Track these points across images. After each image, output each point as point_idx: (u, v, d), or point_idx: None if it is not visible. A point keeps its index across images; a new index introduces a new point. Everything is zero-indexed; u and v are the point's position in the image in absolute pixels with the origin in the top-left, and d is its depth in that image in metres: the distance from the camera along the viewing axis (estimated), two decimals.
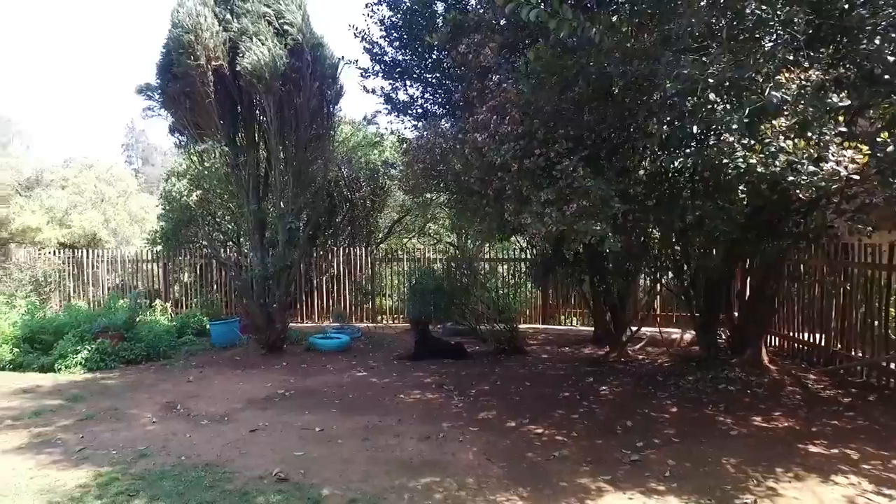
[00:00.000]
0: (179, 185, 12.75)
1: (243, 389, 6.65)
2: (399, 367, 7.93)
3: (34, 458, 4.37)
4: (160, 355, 8.60)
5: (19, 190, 16.19)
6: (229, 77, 8.00)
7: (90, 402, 6.03)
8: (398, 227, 15.52)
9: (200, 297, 12.42)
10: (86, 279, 12.84)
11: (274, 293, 8.42)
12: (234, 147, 8.39)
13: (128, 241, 17.37)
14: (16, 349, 7.86)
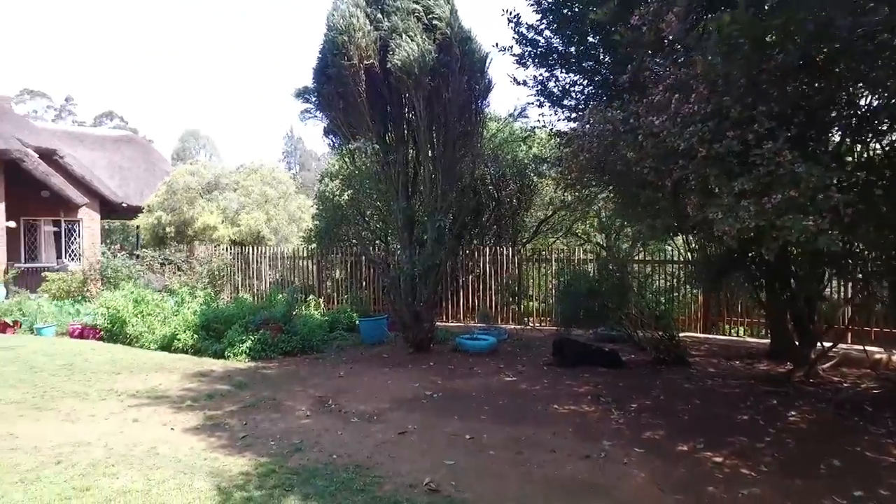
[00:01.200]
0: (332, 185, 13.54)
1: (391, 388, 6.72)
2: (549, 373, 7.56)
3: (206, 441, 4.71)
4: (313, 348, 9.10)
5: (201, 193, 18.43)
6: (380, 75, 8.19)
7: (252, 391, 6.47)
8: (544, 226, 15.09)
9: (350, 294, 13.06)
10: (251, 273, 14.18)
11: (421, 292, 8.48)
12: (383, 145, 8.60)
13: (286, 239, 18.94)
14: (195, 335, 8.80)
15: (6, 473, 3.94)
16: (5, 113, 17.90)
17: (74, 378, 6.74)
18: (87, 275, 12.46)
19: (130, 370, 7.31)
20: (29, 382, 6.50)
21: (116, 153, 22.42)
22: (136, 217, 20.11)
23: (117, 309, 9.56)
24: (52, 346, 8.56)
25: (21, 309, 10.43)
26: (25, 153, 15.00)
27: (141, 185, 21.59)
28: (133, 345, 9.18)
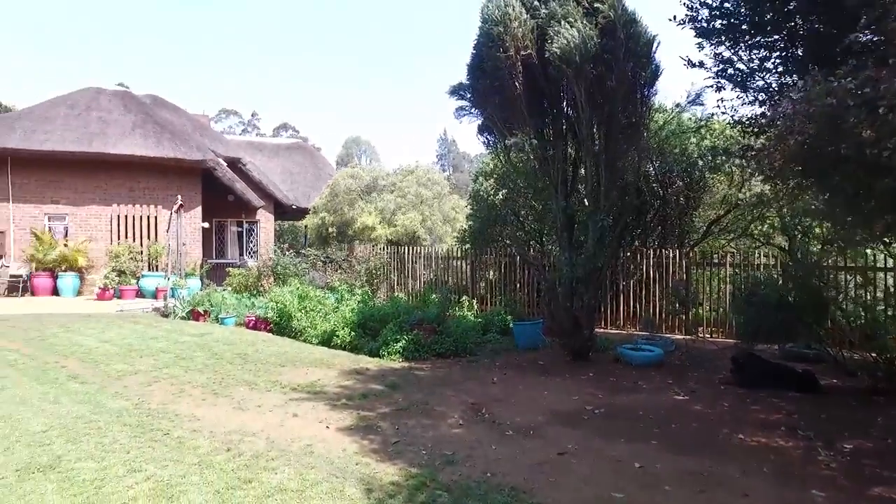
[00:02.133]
0: (487, 184, 13.45)
1: (548, 399, 6.33)
2: (728, 393, 6.63)
3: (359, 443, 4.73)
4: (466, 351, 9.01)
5: (361, 195, 19.61)
6: (537, 66, 7.83)
7: (405, 393, 6.48)
8: (715, 227, 13.56)
9: (503, 296, 12.87)
10: (406, 273, 14.63)
11: (581, 296, 7.96)
12: (541, 141, 8.22)
13: (441, 239, 19.40)
14: (353, 333, 9.18)
15: (188, 454, 4.27)
16: (205, 129, 20.61)
17: (246, 367, 7.33)
18: (262, 271, 13.78)
19: (294, 363, 7.78)
20: (211, 369, 7.19)
21: (288, 160, 24.75)
22: (303, 218, 22.00)
23: (284, 304, 10.33)
24: (231, 336, 9.48)
25: (210, 300, 11.79)
26: (217, 162, 17.07)
27: (308, 189, 23.58)
28: (297, 338, 9.84)
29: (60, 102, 17.01)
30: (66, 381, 6.40)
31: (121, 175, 16.13)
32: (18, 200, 15.54)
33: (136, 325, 10.13)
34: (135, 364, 7.27)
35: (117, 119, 16.75)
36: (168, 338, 9.02)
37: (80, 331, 9.44)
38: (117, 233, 16.13)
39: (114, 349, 8.11)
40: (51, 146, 15.34)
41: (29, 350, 7.98)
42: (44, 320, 10.52)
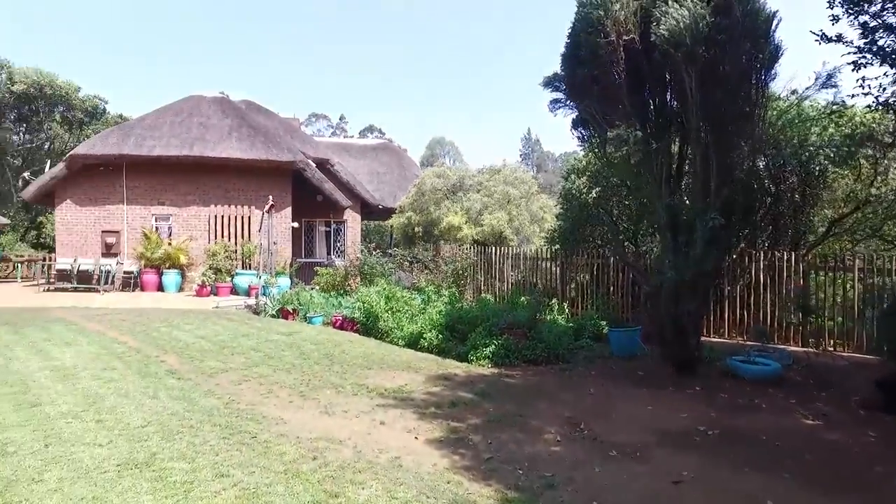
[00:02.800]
0: (579, 182, 12.86)
1: (653, 415, 5.79)
2: (872, 420, 5.78)
3: (449, 458, 4.46)
4: (559, 358, 8.56)
5: (447, 194, 19.50)
6: (640, 52, 7.24)
7: (496, 402, 6.15)
8: (837, 227, 12.16)
9: (596, 299, 12.24)
10: (493, 274, 14.30)
11: (687, 302, 7.29)
12: (644, 133, 7.62)
13: (528, 240, 18.90)
14: (440, 335, 8.98)
15: (274, 460, 4.18)
16: (295, 131, 21.35)
17: (333, 369, 7.29)
18: (349, 270, 13.96)
19: (380, 366, 7.67)
20: (299, 369, 7.22)
21: (375, 160, 25.14)
22: (389, 218, 22.21)
23: (371, 304, 10.32)
24: (319, 335, 9.56)
25: (298, 299, 12.05)
26: (307, 163, 17.56)
27: (394, 189, 23.81)
28: (384, 339, 9.78)
29: (167, 110, 18.16)
30: (164, 375, 6.62)
31: (218, 177, 16.95)
32: (131, 202, 16.72)
33: (230, 323, 10.48)
34: (227, 362, 7.44)
35: (215, 124, 17.63)
36: (258, 336, 9.22)
37: (179, 326, 9.88)
38: (214, 232, 16.97)
39: (208, 345, 8.37)
40: (158, 151, 16.38)
41: (135, 343, 8.41)
42: (149, 315, 11.15)
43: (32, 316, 10.78)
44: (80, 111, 31.33)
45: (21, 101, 29.58)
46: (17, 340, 8.48)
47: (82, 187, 16.59)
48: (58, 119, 31.06)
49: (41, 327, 9.57)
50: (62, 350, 7.81)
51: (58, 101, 30.68)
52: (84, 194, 16.59)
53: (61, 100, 30.70)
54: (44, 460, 4.16)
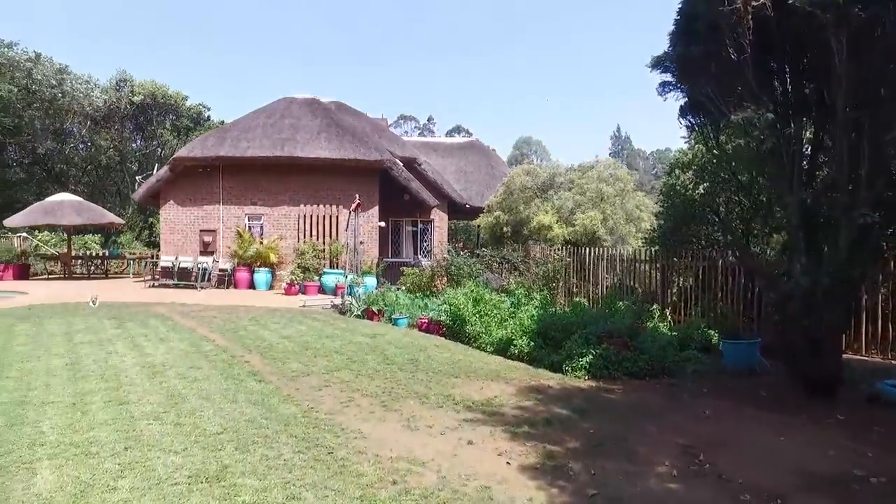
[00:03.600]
0: (684, 177, 11.76)
1: (789, 449, 4.88)
2: None
3: (546, 490, 3.87)
4: (664, 371, 7.72)
5: (536, 192, 18.80)
6: (772, 20, 6.25)
7: (596, 422, 5.47)
8: None
9: (701, 305, 11.13)
10: (586, 276, 13.47)
11: (825, 313, 6.22)
12: (775, 117, 6.61)
13: (623, 240, 17.80)
14: (531, 342, 8.36)
15: (350, 483, 3.79)
16: (383, 131, 21.41)
17: (417, 377, 6.88)
18: (435, 271, 13.61)
19: (467, 374, 7.17)
20: (382, 375, 6.87)
21: (462, 159, 24.78)
22: (476, 217, 21.78)
23: (458, 307, 9.87)
24: (404, 338, 9.23)
25: (384, 299, 11.84)
26: (394, 162, 17.46)
27: (482, 187, 23.34)
28: (471, 345, 9.30)
29: (260, 113, 18.72)
30: (246, 377, 6.48)
31: (307, 177, 17.21)
32: (226, 202, 17.36)
33: (315, 322, 10.40)
34: (309, 364, 7.23)
35: (305, 125, 17.93)
36: (342, 337, 9.02)
37: (265, 325, 9.91)
38: (303, 231, 17.25)
39: (292, 346, 8.24)
40: (252, 152, 16.87)
41: (222, 342, 8.44)
42: (239, 312, 11.33)
43: (135, 311, 11.26)
44: (187, 118, 33.38)
45: (139, 111, 31.94)
46: (118, 335, 8.77)
47: (184, 188, 17.42)
48: (168, 126, 33.24)
49: (141, 322, 9.91)
50: (156, 346, 7.95)
51: (168, 109, 32.88)
52: (185, 195, 17.41)
53: (171, 108, 32.88)
54: (121, 465, 4.02)
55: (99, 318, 10.25)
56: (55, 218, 18.98)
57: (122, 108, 30.74)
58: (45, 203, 19.56)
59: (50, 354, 7.40)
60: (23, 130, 27.59)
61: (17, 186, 29.52)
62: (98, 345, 8.02)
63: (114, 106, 30.18)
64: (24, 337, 8.56)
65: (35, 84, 26.73)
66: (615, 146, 76.06)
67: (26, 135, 28.08)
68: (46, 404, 5.38)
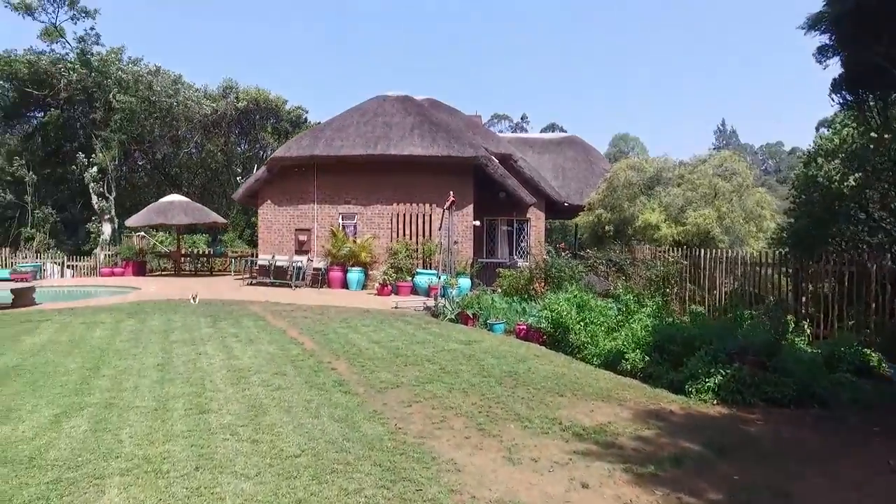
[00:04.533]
0: (828, 167, 10.11)
1: None
2: None
3: None
4: (813, 398, 6.44)
5: (642, 189, 17.35)
6: None
7: (739, 464, 4.46)
8: None
9: (853, 319, 9.50)
10: (700, 282, 12.06)
11: None
12: None
13: (742, 241, 15.99)
14: (646, 357, 7.33)
15: None
16: (477, 127, 20.78)
17: (517, 393, 6.10)
18: (533, 273, 12.74)
19: (574, 392, 6.31)
20: (478, 390, 6.17)
21: (559, 155, 23.62)
22: (575, 216, 20.57)
23: (560, 313, 9.01)
24: (501, 346, 8.49)
25: (479, 303, 11.16)
26: (489, 158, 16.76)
27: (581, 185, 22.09)
28: (575, 356, 8.40)
29: (354, 112, 18.68)
30: (331, 387, 6.01)
31: (400, 175, 16.90)
32: (321, 202, 17.44)
33: (406, 326, 9.91)
34: (399, 374, 6.66)
35: (398, 122, 17.65)
36: (435, 344, 8.42)
37: (356, 328, 9.53)
38: (396, 230, 16.95)
39: (381, 352, 7.75)
40: (345, 151, 16.80)
41: (311, 345, 8.11)
42: (330, 313, 11.09)
43: (231, 310, 11.32)
44: (287, 121, 34.54)
45: (243, 116, 33.47)
46: (211, 335, 8.70)
47: (280, 188, 17.69)
48: (269, 130, 34.57)
49: (234, 321, 9.87)
50: (244, 348, 7.73)
51: (270, 113, 34.19)
52: (281, 195, 17.67)
53: (272, 112, 34.17)
54: (188, 490, 3.59)
55: (196, 316, 10.34)
56: (166, 218, 20.01)
57: (228, 114, 32.30)
58: (157, 204, 20.71)
59: (145, 353, 7.37)
60: (144, 138, 29.64)
61: (141, 190, 31.83)
62: (190, 344, 7.94)
63: (221, 112, 31.76)
64: (128, 333, 8.69)
65: (154, 95, 28.58)
66: (719, 141, 71.43)
67: (147, 142, 30.15)
68: (131, 409, 5.16)
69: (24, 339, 8.24)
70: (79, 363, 6.80)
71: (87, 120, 26.68)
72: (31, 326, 9.22)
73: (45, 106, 27.50)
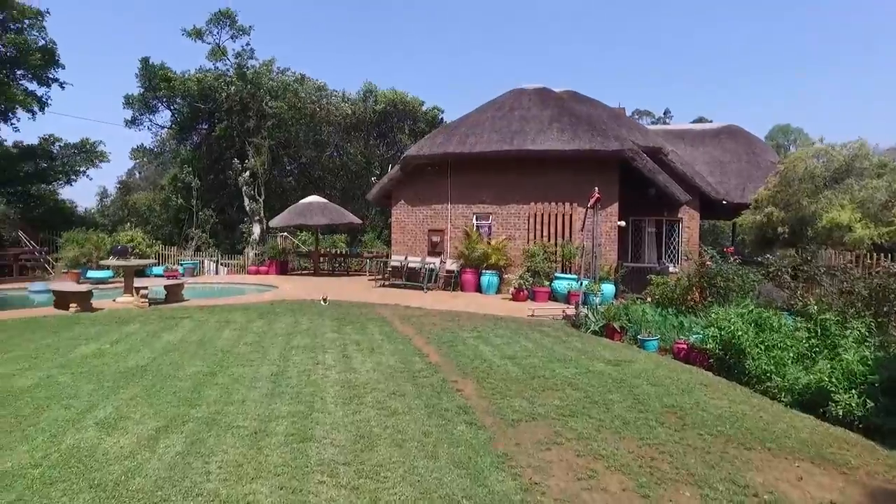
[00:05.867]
0: None
1: None
2: None
3: None
4: None
5: (826, 182, 14.53)
6: None
7: None
8: None
9: None
10: None
11: None
12: None
13: None
14: (866, 400, 5.51)
15: None
16: (620, 118, 18.93)
17: (687, 438, 4.71)
18: (690, 280, 10.90)
19: (764, 443, 4.77)
20: (634, 430, 4.90)
21: (716, 147, 20.96)
22: (736, 215, 17.96)
23: (732, 332, 7.32)
24: (658, 370, 7.04)
25: (627, 313, 9.67)
26: (637, 152, 15.01)
27: (742, 180, 19.36)
28: (753, 387, 6.71)
29: (489, 107, 17.80)
30: (454, 416, 5.07)
31: (537, 172, 15.73)
32: (454, 201, 16.78)
33: (544, 339, 8.75)
34: (535, 401, 5.56)
35: (535, 115, 16.47)
36: (577, 363, 7.18)
37: (487, 339, 8.57)
38: (533, 231, 15.78)
39: (515, 371, 6.69)
40: (479, 148, 15.96)
41: (436, 357, 7.29)
42: (461, 320, 10.27)
43: (358, 313, 10.93)
44: (423, 122, 34.72)
45: (381, 119, 34.24)
46: (333, 341, 8.23)
47: (413, 188, 17.30)
48: (406, 131, 35.00)
49: (360, 326, 9.38)
50: (364, 359, 7.09)
51: (407, 115, 34.63)
52: (414, 194, 17.28)
53: (409, 114, 34.56)
54: None
55: (323, 319, 10.03)
56: (305, 218, 20.60)
57: (367, 118, 33.16)
58: (297, 205, 21.42)
59: (263, 359, 6.99)
60: (291, 143, 31.33)
61: (288, 192, 33.76)
62: (310, 351, 7.47)
63: (360, 115, 32.67)
64: (253, 335, 8.49)
65: (300, 102, 30.08)
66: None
67: (293, 147, 31.84)
68: (231, 428, 4.61)
69: (163, 337, 8.33)
70: (198, 367, 6.54)
71: (241, 128, 28.64)
72: (173, 323, 9.42)
73: (210, 118, 30.04)
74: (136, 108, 29.10)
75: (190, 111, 29.61)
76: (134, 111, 29.32)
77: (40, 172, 26.51)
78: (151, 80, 27.83)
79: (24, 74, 24.33)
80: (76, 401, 5.25)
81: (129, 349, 7.47)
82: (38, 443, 4.26)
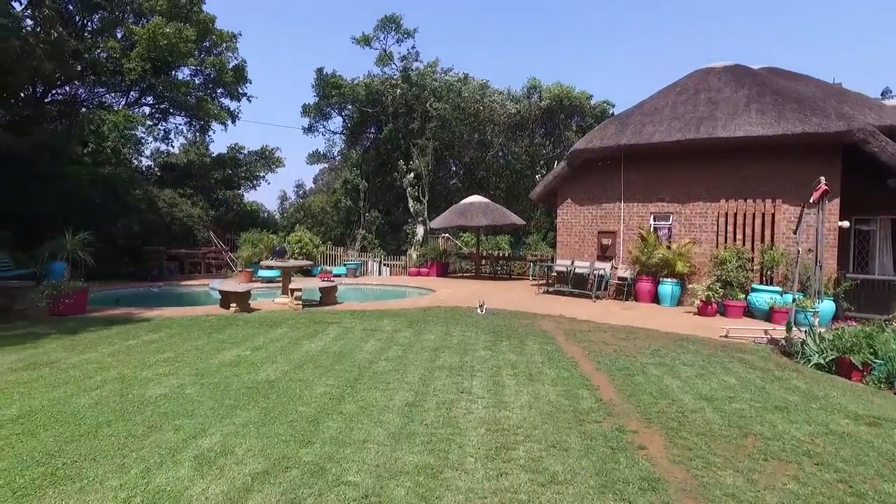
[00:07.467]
0: None
1: None
2: None
3: None
4: None
5: None
6: None
7: None
8: None
9: None
10: None
11: None
12: None
13: None
14: None
15: None
16: (841, 94, 15.46)
17: None
18: None
19: None
20: None
21: None
22: None
23: None
24: None
25: (870, 343, 7.30)
26: (871, 132, 11.91)
27: None
28: None
29: (669, 91, 15.59)
30: (636, 492, 3.67)
31: (729, 163, 13.27)
32: (627, 199, 14.94)
33: (749, 372, 6.86)
34: (755, 479, 3.93)
35: (727, 97, 13.96)
36: (808, 415, 5.29)
37: (672, 366, 6.92)
38: (724, 234, 13.35)
39: (716, 420, 5.05)
40: (657, 138, 13.93)
41: (609, 392, 5.90)
42: (637, 338, 8.67)
43: (517, 325, 9.80)
44: (591, 117, 32.57)
45: (546, 116, 32.81)
46: (484, 360, 7.19)
47: (581, 185, 15.73)
48: (573, 128, 33.13)
49: (517, 343, 8.23)
50: (518, 390, 5.91)
51: (573, 111, 32.74)
52: (582, 192, 15.70)
53: (576, 110, 32.64)
54: None
55: (476, 331, 9.05)
56: (465, 219, 19.97)
57: (532, 115, 31.95)
58: (458, 205, 20.89)
59: (401, 382, 6.11)
60: (454, 143, 31.25)
61: (452, 193, 33.83)
62: (456, 374, 6.47)
63: (525, 113, 31.57)
64: (397, 348, 7.76)
65: (463, 101, 29.84)
66: None
67: (457, 147, 31.74)
68: (338, 486, 3.67)
69: (303, 345, 7.94)
70: (327, 387, 5.84)
71: (406, 130, 29.15)
72: (319, 329, 9.09)
73: (377, 122, 31.11)
74: (312, 115, 31.07)
75: (359, 116, 30.88)
76: (310, 119, 31.34)
77: (226, 178, 29.42)
78: (324, 88, 29.47)
79: (222, 92, 27.11)
80: (190, 421, 4.78)
81: (266, 358, 7.11)
82: (129, 478, 3.72)
